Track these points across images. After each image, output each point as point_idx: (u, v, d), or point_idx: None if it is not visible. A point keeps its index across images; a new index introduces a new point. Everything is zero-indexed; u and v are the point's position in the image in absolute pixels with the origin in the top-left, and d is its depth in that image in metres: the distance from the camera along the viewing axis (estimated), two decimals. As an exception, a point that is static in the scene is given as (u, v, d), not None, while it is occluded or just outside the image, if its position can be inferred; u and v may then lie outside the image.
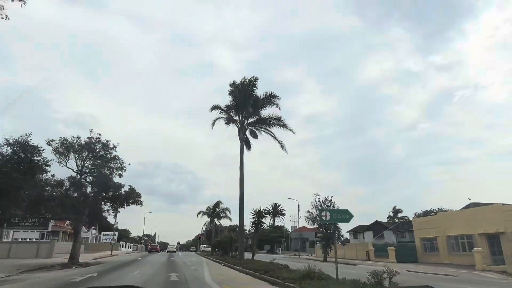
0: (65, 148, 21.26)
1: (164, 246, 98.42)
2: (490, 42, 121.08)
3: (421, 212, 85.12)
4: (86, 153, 22.07)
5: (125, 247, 69.50)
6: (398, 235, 76.93)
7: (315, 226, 34.54)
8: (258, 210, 21.18)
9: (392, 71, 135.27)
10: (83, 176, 22.32)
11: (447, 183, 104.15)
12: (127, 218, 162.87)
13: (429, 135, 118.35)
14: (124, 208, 27.36)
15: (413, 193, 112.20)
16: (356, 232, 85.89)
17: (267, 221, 61.41)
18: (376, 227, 77.82)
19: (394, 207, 71.02)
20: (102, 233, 63.99)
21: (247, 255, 25.79)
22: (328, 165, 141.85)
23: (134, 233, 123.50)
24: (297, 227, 68.79)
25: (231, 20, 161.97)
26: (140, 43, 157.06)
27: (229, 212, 41.42)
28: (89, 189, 22.46)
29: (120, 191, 24.12)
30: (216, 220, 42.01)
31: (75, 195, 21.01)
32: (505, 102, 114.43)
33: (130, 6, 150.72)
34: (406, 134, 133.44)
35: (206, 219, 43.82)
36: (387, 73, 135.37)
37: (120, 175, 22.57)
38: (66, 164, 21.23)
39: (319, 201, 34.56)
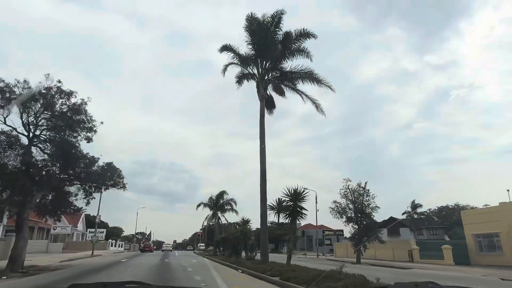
0: (6, 99, 14.22)
1: (159, 245, 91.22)
2: (485, 42, 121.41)
3: (436, 207, 78.90)
4: (40, 107, 15.00)
5: (115, 246, 62.32)
6: (415, 232, 70.52)
7: (343, 220, 27.72)
8: (295, 190, 14.30)
9: (389, 70, 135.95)
10: (35, 142, 15.28)
11: (443, 182, 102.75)
12: (121, 216, 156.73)
13: (425, 135, 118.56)
14: (101, 192, 20.33)
15: (410, 192, 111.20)
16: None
17: (271, 218, 55.29)
18: (391, 224, 71.27)
19: (413, 202, 64.18)
20: (88, 230, 56.65)
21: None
22: (325, 164, 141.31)
23: (128, 231, 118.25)
24: (308, 224, 62.24)
25: (228, 19, 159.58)
26: (136, 41, 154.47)
27: (235, 205, 34.87)
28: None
29: (92, 168, 17.14)
30: (219, 214, 35.26)
31: (20, 166, 14.01)
32: (501, 101, 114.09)
33: (127, 4, 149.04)
34: (402, 133, 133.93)
35: (207, 212, 37.10)
36: (383, 73, 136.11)
37: (89, 140, 15.53)
38: (5, 120, 14.15)
39: (349, 189, 27.89)
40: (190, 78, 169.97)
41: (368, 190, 27.99)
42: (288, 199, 13.80)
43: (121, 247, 68.76)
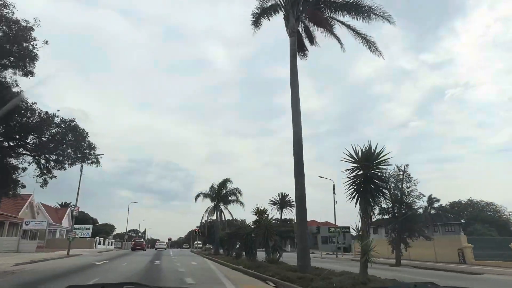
0: None
1: (154, 243, 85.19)
2: (481, 41, 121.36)
3: (448, 203, 73.75)
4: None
5: (103, 244, 56.54)
6: (429, 229, 65.40)
7: (376, 212, 22.41)
8: (368, 147, 8.62)
9: (385, 69, 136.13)
10: None
11: (438, 180, 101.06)
12: (115, 214, 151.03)
13: (421, 133, 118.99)
14: (64, 169, 14.51)
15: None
16: (377, 226, 73.13)
17: (273, 213, 49.87)
18: (405, 219, 66.08)
19: (430, 196, 58.79)
20: (74, 226, 50.71)
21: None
22: (322, 162, 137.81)
23: (121, 229, 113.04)
24: (311, 220, 56.87)
25: (224, 16, 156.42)
26: (132, 38, 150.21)
27: (240, 195, 29.32)
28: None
29: (46, 130, 11.66)
30: (222, 206, 29.64)
31: None
32: (495, 101, 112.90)
33: (122, 0, 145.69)
34: (398, 132, 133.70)
35: (206, 205, 31.45)
36: (379, 71, 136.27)
37: (28, 74, 9.92)
38: None
39: (387, 175, 22.53)
40: (186, 76, 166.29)
41: (410, 175, 22.76)
42: (354, 164, 8.14)
43: (111, 245, 62.98)
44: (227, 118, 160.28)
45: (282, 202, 58.24)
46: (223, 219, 29.87)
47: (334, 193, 33.56)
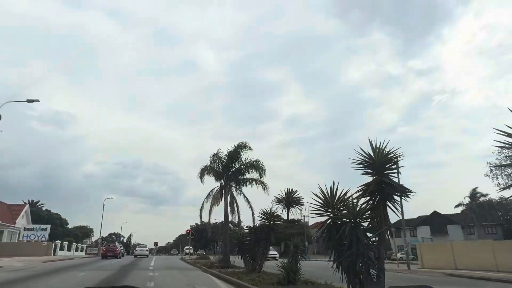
0: None
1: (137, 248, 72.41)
2: (467, 48, 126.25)
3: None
4: None
5: (70, 250, 44.62)
6: (465, 230, 55.43)
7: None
8: None
9: (373, 74, 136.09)
10: None
11: (424, 185, 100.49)
12: (101, 218, 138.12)
13: (408, 139, 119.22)
14: None
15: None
16: (400, 227, 61.54)
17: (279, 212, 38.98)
18: (435, 220, 55.87)
19: (473, 190, 48.44)
20: (24, 227, 38.70)
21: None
22: (310, 167, 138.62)
23: (104, 232, 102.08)
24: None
25: (214, 19, 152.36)
26: (120, 40, 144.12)
27: (263, 173, 18.19)
28: None
29: None
30: (233, 189, 18.53)
31: None
32: (480, 107, 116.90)
33: (110, 1, 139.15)
34: (386, 137, 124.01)
35: (209, 186, 19.86)
36: (368, 77, 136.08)
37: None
38: None
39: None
40: (174, 79, 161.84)
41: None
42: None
43: (82, 251, 50.94)
44: (216, 121, 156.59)
45: (288, 200, 47.10)
46: (235, 209, 18.68)
47: (398, 172, 22.53)
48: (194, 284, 10.43)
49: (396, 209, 6.25)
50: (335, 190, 6.44)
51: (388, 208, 6.14)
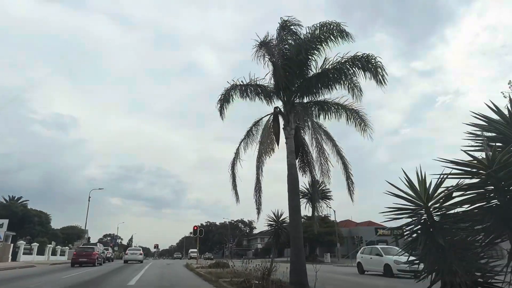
0: None
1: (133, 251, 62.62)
2: (470, 49, 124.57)
3: None
4: None
5: (45, 254, 35.35)
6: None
7: None
8: None
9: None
10: None
11: None
12: (105, 222, 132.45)
13: (411, 140, 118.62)
14: None
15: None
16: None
17: (302, 209, 29.97)
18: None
19: None
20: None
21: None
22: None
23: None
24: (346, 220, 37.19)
25: (215, 21, 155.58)
26: (122, 43, 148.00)
27: (383, 80, 8.70)
28: None
29: None
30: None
31: None
32: (484, 108, 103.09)
33: (111, 4, 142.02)
34: (389, 139, 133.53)
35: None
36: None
37: None
38: None
39: None
40: (176, 81, 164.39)
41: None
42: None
43: (64, 255, 41.50)
44: (218, 123, 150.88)
45: (313, 194, 38.21)
46: (310, 160, 9.48)
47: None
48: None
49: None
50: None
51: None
